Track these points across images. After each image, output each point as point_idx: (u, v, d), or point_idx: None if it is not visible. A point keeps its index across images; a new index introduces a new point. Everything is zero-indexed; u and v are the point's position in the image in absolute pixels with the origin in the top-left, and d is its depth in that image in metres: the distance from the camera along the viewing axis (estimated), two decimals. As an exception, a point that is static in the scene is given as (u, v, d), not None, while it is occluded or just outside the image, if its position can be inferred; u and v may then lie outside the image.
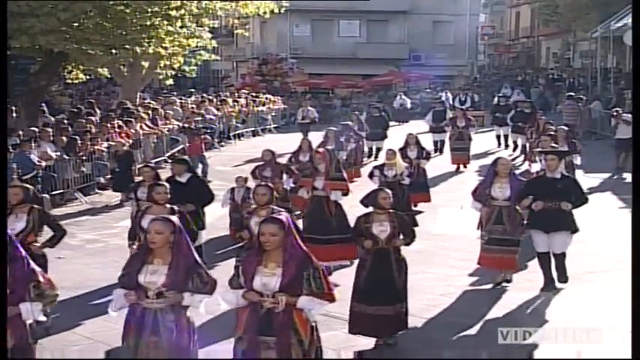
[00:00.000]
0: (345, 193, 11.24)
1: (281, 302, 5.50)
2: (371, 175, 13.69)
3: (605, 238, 12.89)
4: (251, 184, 12.74)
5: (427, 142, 21.62)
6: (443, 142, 22.74)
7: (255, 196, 8.69)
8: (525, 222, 10.14)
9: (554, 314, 9.08)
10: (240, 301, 5.66)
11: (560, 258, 9.93)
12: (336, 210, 11.13)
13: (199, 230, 10.57)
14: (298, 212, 12.28)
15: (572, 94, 29.16)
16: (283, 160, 14.73)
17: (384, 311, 7.99)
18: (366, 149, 22.11)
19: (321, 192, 11.15)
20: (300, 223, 11.30)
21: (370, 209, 8.34)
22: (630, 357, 6.37)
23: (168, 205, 8.60)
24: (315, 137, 17.97)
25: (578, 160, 15.00)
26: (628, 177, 18.26)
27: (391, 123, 31.75)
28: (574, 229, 9.88)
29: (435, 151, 22.56)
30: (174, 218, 5.94)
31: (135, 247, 8.55)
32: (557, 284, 9.94)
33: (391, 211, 8.15)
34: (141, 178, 11.49)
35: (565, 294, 9.86)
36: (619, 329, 7.89)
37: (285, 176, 13.16)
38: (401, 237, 8.08)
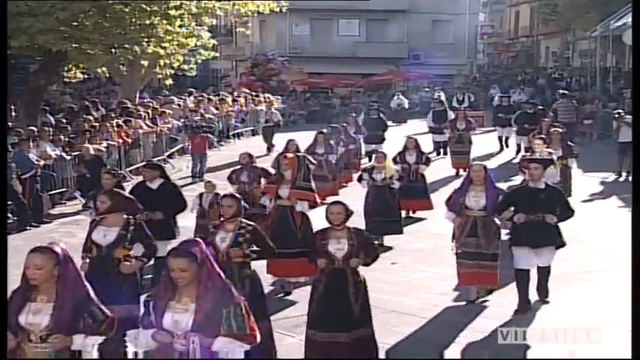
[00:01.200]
0: (313, 204, 10.30)
1: (192, 346, 4.81)
2: (360, 179, 13.34)
3: (604, 237, 12.89)
4: (231, 189, 12.30)
5: (427, 142, 21.55)
6: (445, 143, 21.96)
7: (221, 208, 7.67)
8: (505, 234, 9.55)
9: (554, 314, 9.07)
10: (150, 343, 4.91)
11: (545, 272, 9.34)
12: (302, 222, 10.16)
13: (169, 239, 9.90)
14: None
15: (567, 92, 29.09)
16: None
17: (340, 338, 7.23)
18: (364, 152, 21.61)
19: (286, 201, 10.19)
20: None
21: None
22: (630, 357, 6.37)
23: (125, 216, 7.61)
24: (310, 137, 17.40)
25: (574, 164, 14.62)
26: (624, 176, 18.31)
27: (389, 124, 31.85)
28: (560, 244, 9.22)
29: (437, 154, 22.27)
30: (59, 248, 5.00)
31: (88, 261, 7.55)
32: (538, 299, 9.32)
33: (351, 227, 7.43)
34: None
35: (565, 293, 9.85)
36: (619, 329, 7.88)
37: (263, 181, 12.34)
38: (361, 256, 7.30)
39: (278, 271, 10.18)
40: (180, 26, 22.33)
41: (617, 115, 20.16)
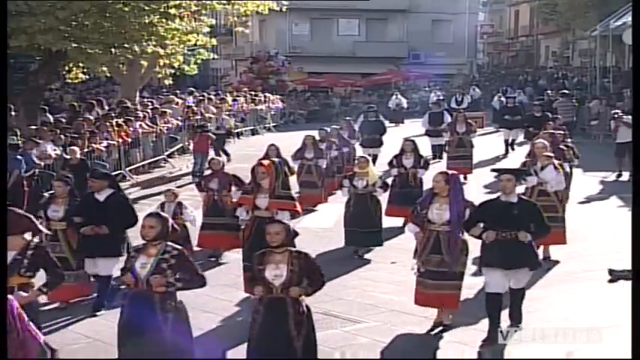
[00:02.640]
0: (293, 214, 9.42)
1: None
2: (340, 186, 12.57)
3: (605, 236, 12.89)
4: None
5: (427, 145, 20.89)
6: (442, 146, 20.74)
7: (141, 230, 6.61)
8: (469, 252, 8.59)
9: (554, 313, 9.06)
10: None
11: (518, 295, 8.38)
12: None
13: (115, 257, 9.24)
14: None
15: (566, 91, 29.06)
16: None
17: None
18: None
19: (265, 212, 9.27)
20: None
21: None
22: (630, 357, 6.36)
23: (27, 236, 6.58)
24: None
25: (567, 169, 13.34)
26: (626, 176, 18.27)
27: (387, 124, 31.45)
28: (534, 266, 8.30)
29: (434, 158, 21.01)
30: None
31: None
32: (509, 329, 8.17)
33: (293, 250, 6.60)
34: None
35: (565, 293, 9.85)
36: (619, 329, 7.87)
37: (233, 188, 11.59)
38: (303, 284, 6.46)
39: None
40: (180, 24, 22.30)
41: (615, 116, 19.89)
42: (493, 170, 10.12)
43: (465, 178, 17.51)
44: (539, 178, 11.37)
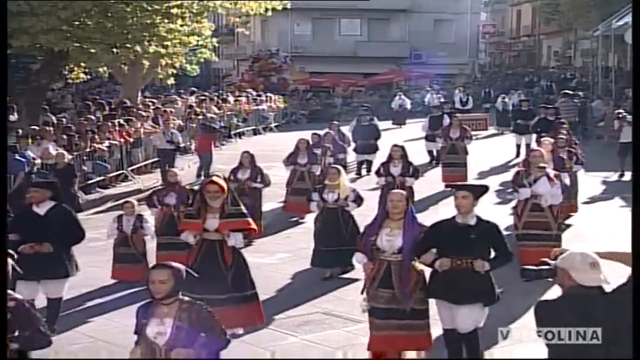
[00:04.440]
0: (246, 235, 8.15)
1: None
2: (309, 200, 11.21)
3: (605, 236, 12.87)
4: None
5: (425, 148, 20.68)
6: (438, 152, 19.66)
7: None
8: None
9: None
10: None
11: (471, 341, 7.09)
12: (234, 260, 7.95)
13: (61, 278, 8.39)
14: None
15: (568, 91, 29.01)
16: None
17: None
18: (356, 163, 19.84)
19: (215, 234, 7.91)
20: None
21: None
22: (630, 357, 6.35)
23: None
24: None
25: (567, 180, 12.39)
26: (628, 176, 18.24)
27: (389, 126, 31.32)
28: (489, 301, 7.11)
29: (430, 162, 20.36)
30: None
31: None
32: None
33: (185, 300, 5.32)
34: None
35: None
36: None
37: None
38: (195, 346, 5.16)
39: None
40: (181, 25, 22.34)
41: (620, 115, 19.84)
42: (448, 186, 9.03)
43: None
44: (532, 191, 10.61)
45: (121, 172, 19.25)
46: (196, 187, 12.00)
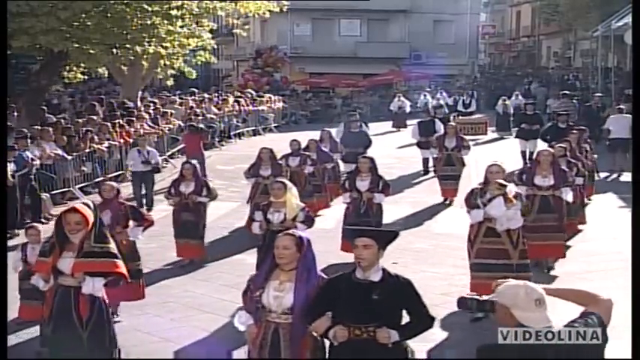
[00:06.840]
0: (118, 279, 6.37)
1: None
2: (251, 220, 10.02)
3: (605, 237, 12.90)
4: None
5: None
6: (433, 160, 18.02)
7: None
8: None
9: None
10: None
11: None
12: (92, 313, 6.22)
13: None
14: None
15: (567, 91, 28.98)
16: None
17: None
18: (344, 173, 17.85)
19: (70, 279, 6.22)
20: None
21: None
22: (630, 357, 6.36)
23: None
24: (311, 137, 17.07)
25: (569, 196, 10.94)
26: (628, 176, 18.25)
27: (388, 129, 31.17)
28: None
29: (425, 173, 19.51)
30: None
31: None
32: None
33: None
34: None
35: (565, 293, 9.83)
36: (619, 329, 7.87)
37: (131, 224, 9.04)
38: None
39: None
40: (181, 27, 22.37)
41: (619, 110, 20.11)
42: (347, 228, 7.64)
43: (451, 203, 15.98)
44: (485, 213, 8.82)
45: (120, 172, 19.23)
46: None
